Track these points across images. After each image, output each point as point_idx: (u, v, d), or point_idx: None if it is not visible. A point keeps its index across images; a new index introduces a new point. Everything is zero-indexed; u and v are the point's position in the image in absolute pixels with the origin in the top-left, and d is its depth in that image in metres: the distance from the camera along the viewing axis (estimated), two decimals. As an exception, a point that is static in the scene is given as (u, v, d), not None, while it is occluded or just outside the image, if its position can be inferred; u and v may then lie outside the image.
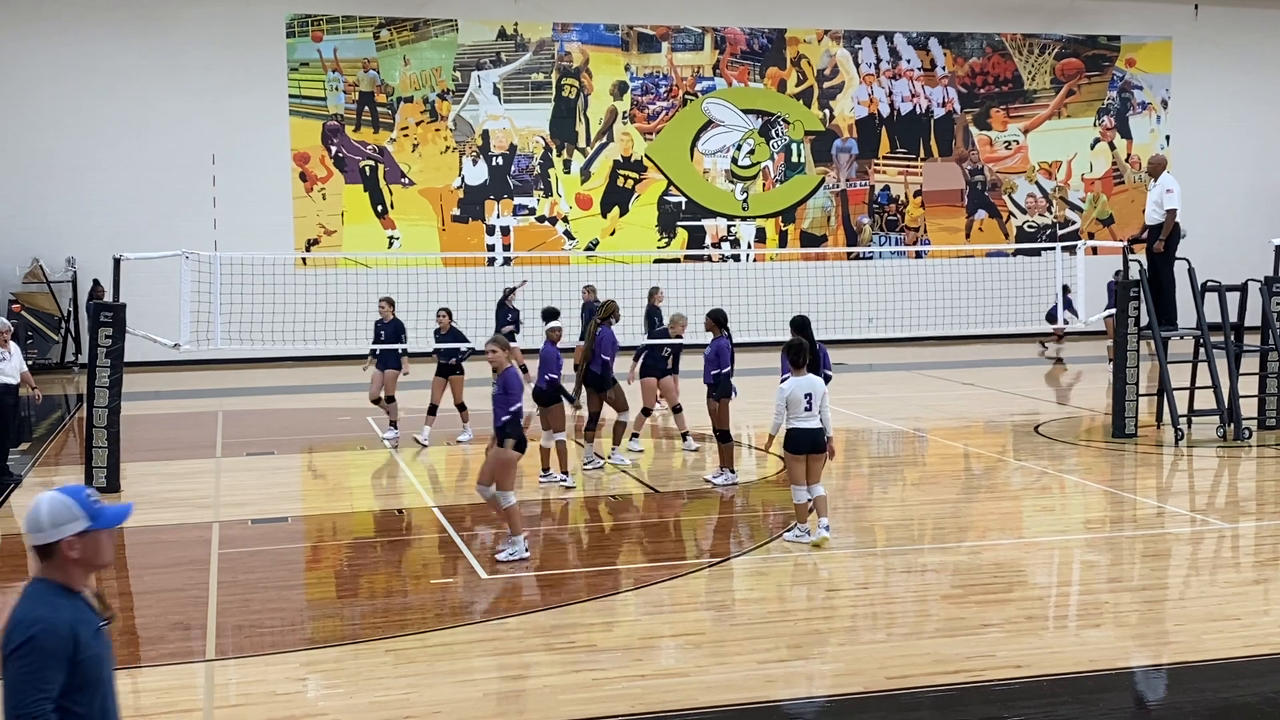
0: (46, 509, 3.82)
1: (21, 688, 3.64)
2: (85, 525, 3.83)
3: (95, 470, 13.49)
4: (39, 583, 3.85)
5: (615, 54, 29.88)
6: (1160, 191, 16.02)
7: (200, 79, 27.47)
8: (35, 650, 3.67)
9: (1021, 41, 32.04)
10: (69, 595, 3.86)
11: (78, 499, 3.85)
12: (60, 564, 3.85)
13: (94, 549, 3.87)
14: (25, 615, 3.74)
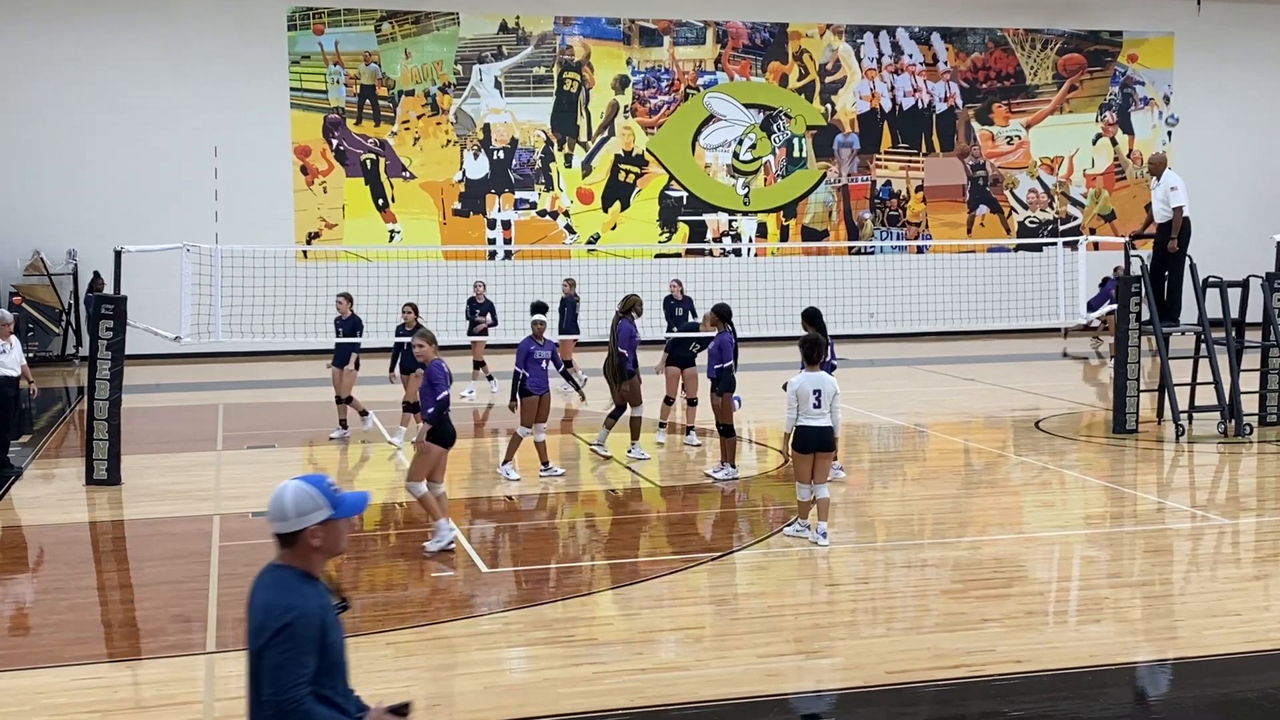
0: (291, 498, 3.92)
1: (280, 672, 3.74)
2: (327, 514, 3.93)
3: (96, 463, 13.49)
4: (282, 570, 3.95)
5: (617, 48, 29.85)
6: (1165, 190, 16.01)
7: (201, 71, 27.45)
8: (293, 636, 3.76)
9: (1024, 36, 32.00)
10: (310, 581, 3.95)
11: (320, 488, 3.95)
12: (302, 551, 3.94)
13: (335, 537, 3.97)
14: (278, 601, 3.82)
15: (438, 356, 10.55)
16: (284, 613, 3.79)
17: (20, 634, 8.75)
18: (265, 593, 3.89)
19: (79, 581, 9.95)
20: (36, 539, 11.49)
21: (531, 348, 13.37)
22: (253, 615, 3.89)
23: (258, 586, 3.95)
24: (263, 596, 3.88)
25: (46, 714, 7.03)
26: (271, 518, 3.94)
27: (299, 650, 3.77)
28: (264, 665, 3.77)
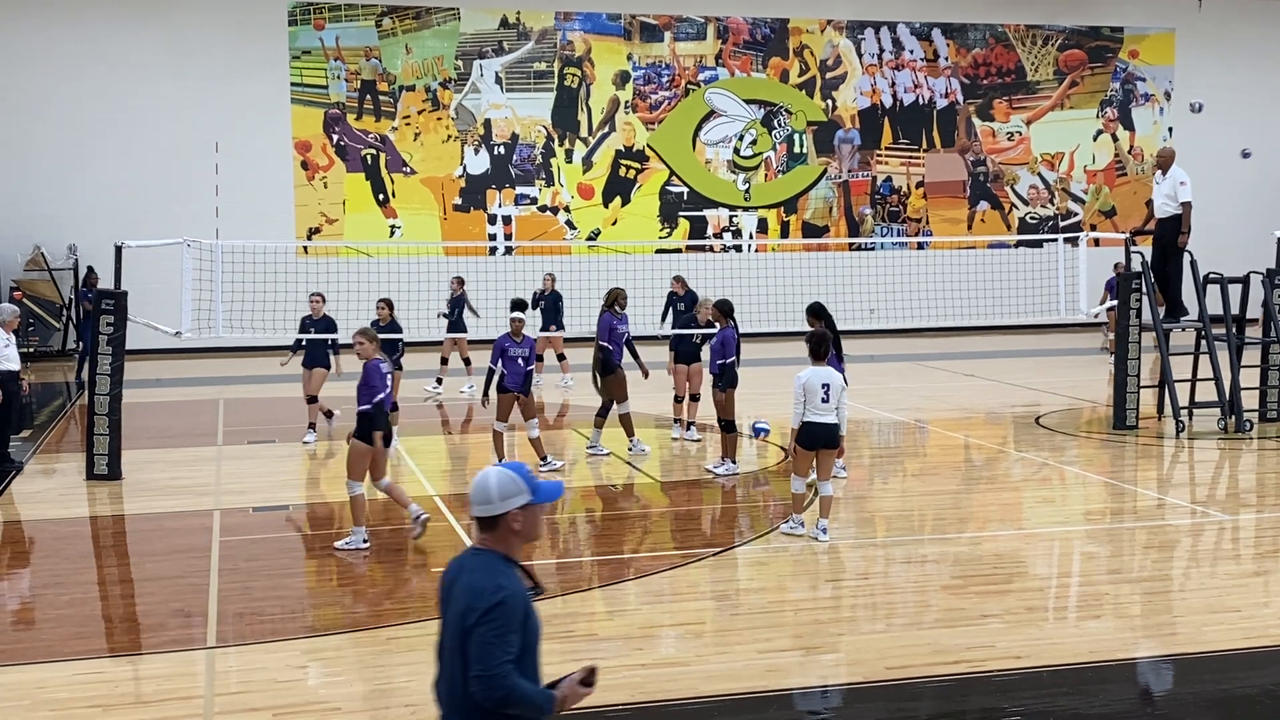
0: (495, 483, 4.05)
1: (490, 650, 3.87)
2: (528, 499, 4.07)
3: (96, 458, 13.50)
4: (485, 553, 4.08)
5: (617, 43, 29.83)
6: (1172, 184, 16.00)
7: (202, 67, 27.43)
8: (504, 615, 3.90)
9: (1024, 32, 31.98)
10: (511, 564, 4.07)
11: (522, 474, 4.09)
12: (503, 535, 4.07)
13: (533, 522, 4.11)
14: (488, 582, 3.95)
15: (379, 356, 10.58)
16: (494, 593, 3.92)
17: (21, 629, 8.76)
18: (472, 574, 4.01)
19: (80, 576, 9.96)
20: (37, 534, 11.50)
21: (507, 345, 13.34)
22: (458, 597, 4.00)
23: (460, 569, 4.08)
24: (470, 578, 4.00)
25: (48, 709, 7.04)
26: (475, 501, 4.08)
27: (508, 629, 3.90)
28: (473, 643, 3.90)
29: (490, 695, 3.88)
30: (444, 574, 4.18)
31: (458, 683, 3.97)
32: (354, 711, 6.95)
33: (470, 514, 4.11)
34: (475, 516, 4.09)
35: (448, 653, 4.03)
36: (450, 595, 4.07)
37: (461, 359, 19.99)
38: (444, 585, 4.14)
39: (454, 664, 3.98)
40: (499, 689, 3.88)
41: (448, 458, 15.50)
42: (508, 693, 3.89)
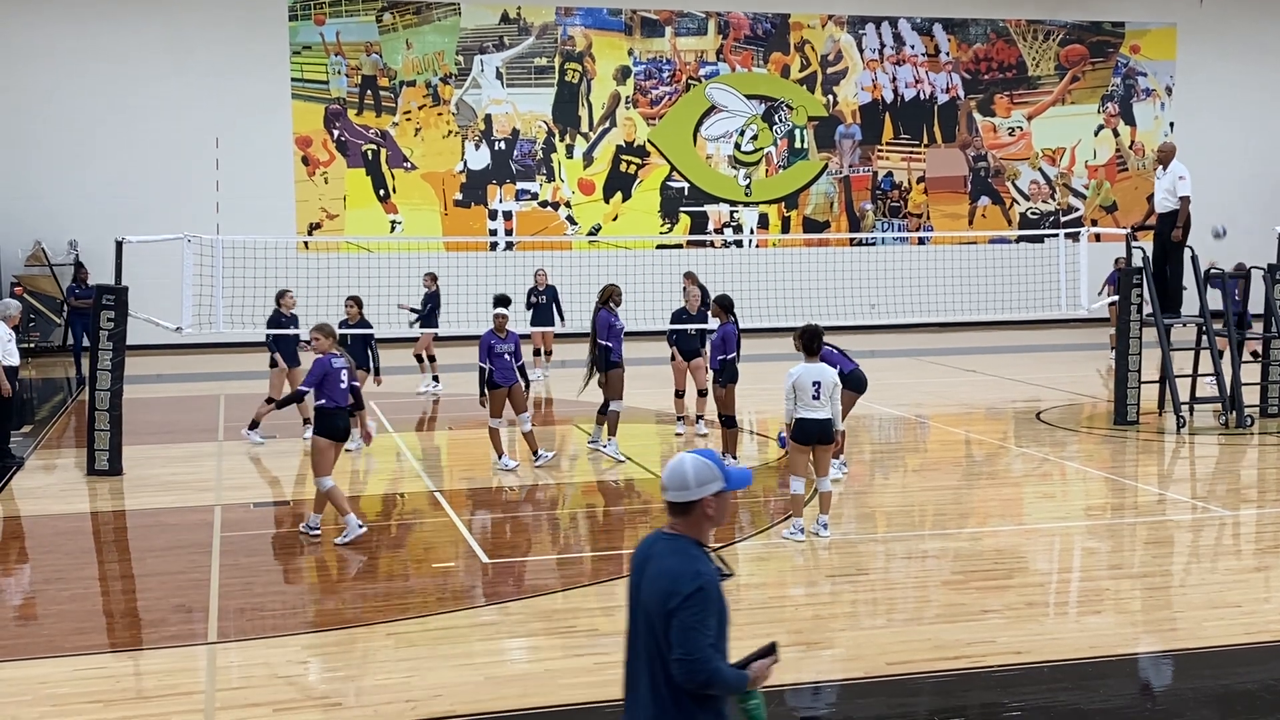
0: (692, 469, 4.11)
1: (691, 633, 3.94)
2: (721, 486, 4.12)
3: (97, 453, 13.51)
4: (677, 538, 4.14)
5: (618, 38, 29.80)
6: (1172, 179, 16.00)
7: (202, 62, 27.42)
8: (704, 599, 3.97)
9: (1026, 27, 31.95)
10: (702, 550, 4.13)
11: (715, 461, 4.15)
12: (696, 520, 4.13)
13: (723, 508, 4.17)
14: (687, 567, 4.02)
15: (334, 352, 10.61)
16: (694, 578, 3.98)
17: (23, 624, 8.76)
18: (669, 560, 4.06)
19: (80, 572, 9.97)
20: (38, 529, 11.50)
21: (493, 341, 13.36)
22: (656, 581, 4.05)
23: (654, 555, 4.12)
24: (667, 563, 4.05)
25: (49, 704, 7.05)
26: (672, 487, 4.13)
27: (707, 613, 3.97)
28: (674, 627, 3.96)
29: (693, 679, 3.96)
30: (633, 557, 4.25)
31: (657, 664, 4.04)
32: (355, 706, 6.96)
33: (664, 499, 4.17)
34: (670, 502, 4.15)
35: (643, 635, 4.10)
36: (642, 579, 4.14)
37: (426, 356, 19.70)
38: (635, 568, 4.21)
39: (650, 646, 4.06)
40: (702, 672, 3.95)
41: (448, 454, 15.49)
42: (710, 675, 3.97)
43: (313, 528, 10.72)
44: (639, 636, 4.13)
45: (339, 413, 10.51)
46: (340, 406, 10.51)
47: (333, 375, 10.46)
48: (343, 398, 10.52)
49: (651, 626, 4.05)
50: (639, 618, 4.13)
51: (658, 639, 4.03)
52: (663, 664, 4.01)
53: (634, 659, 4.16)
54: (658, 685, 4.04)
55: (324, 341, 10.58)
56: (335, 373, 10.48)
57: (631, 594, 4.20)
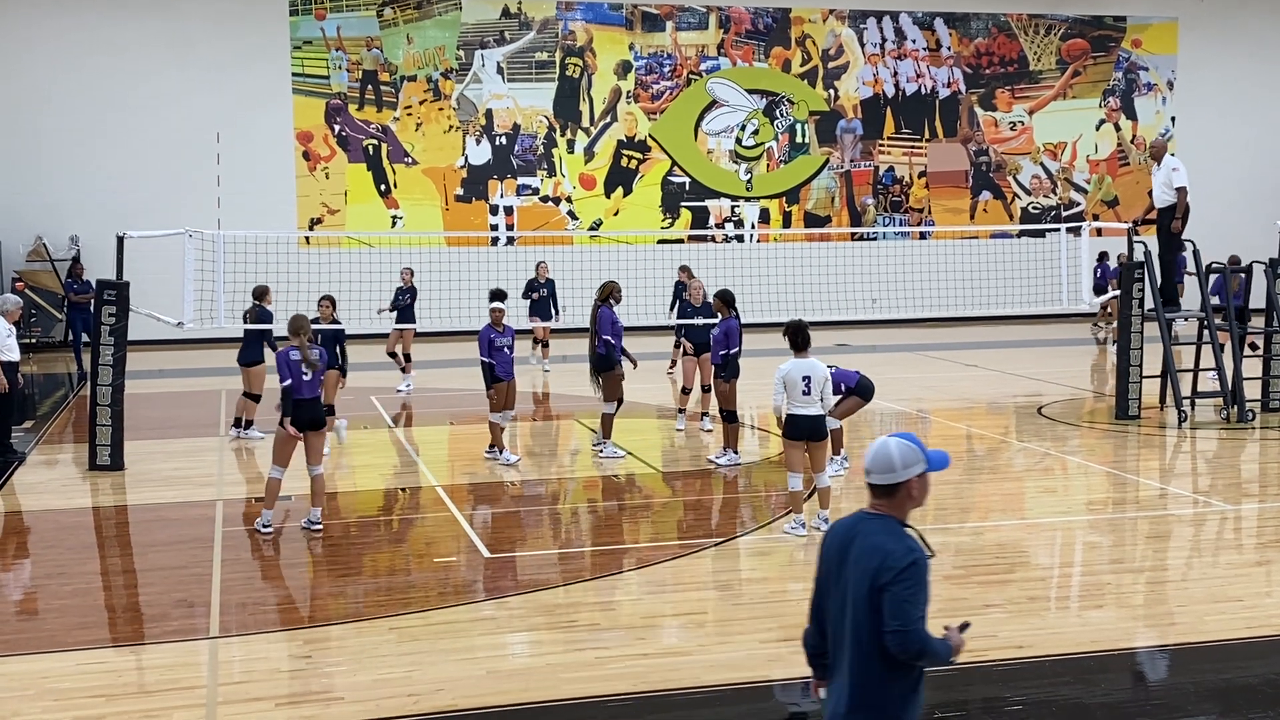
0: (898, 453, 4.30)
1: (906, 606, 4.12)
2: (924, 468, 4.32)
3: (99, 448, 13.51)
4: (882, 518, 4.32)
5: (619, 33, 29.77)
6: (1166, 173, 16.02)
7: (204, 57, 27.40)
8: (918, 574, 4.16)
9: (1027, 22, 31.91)
10: (907, 529, 4.30)
11: (917, 444, 4.34)
12: (900, 501, 4.32)
13: (925, 489, 4.35)
14: (899, 545, 4.21)
15: (293, 345, 10.69)
16: (907, 554, 4.17)
17: (24, 619, 8.77)
18: (879, 537, 4.24)
19: (82, 567, 9.97)
20: (40, 525, 11.51)
21: (493, 336, 13.40)
22: (865, 556, 4.21)
23: (855, 533, 4.30)
24: (878, 540, 4.23)
25: (51, 698, 7.05)
26: (877, 470, 4.31)
27: (920, 587, 4.16)
28: (887, 600, 4.13)
29: (907, 648, 4.12)
30: (830, 536, 4.41)
31: (864, 636, 4.20)
32: (356, 701, 6.96)
33: (869, 481, 4.33)
34: (874, 484, 4.32)
35: (850, 609, 4.24)
36: (846, 556, 4.29)
37: (403, 354, 19.22)
38: (835, 546, 4.36)
39: (858, 620, 4.21)
40: (916, 642, 4.12)
41: (449, 448, 15.49)
42: (923, 645, 4.13)
43: (314, 522, 10.74)
44: (845, 613, 4.28)
45: (301, 404, 10.60)
46: (303, 398, 10.61)
47: (293, 367, 10.59)
48: (305, 390, 10.61)
49: (857, 601, 4.21)
50: (843, 593, 4.29)
51: (863, 613, 4.19)
52: (867, 636, 4.18)
53: (836, 637, 4.33)
54: (860, 657, 4.21)
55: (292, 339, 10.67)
56: (293, 364, 10.60)
57: (829, 571, 4.36)
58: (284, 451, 10.73)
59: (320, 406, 10.81)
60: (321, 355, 10.82)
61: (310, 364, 10.62)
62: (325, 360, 10.94)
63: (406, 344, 19.32)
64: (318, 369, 10.70)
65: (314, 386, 10.67)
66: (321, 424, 10.81)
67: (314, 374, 10.66)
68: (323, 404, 10.94)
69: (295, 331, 10.75)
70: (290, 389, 10.60)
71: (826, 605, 4.40)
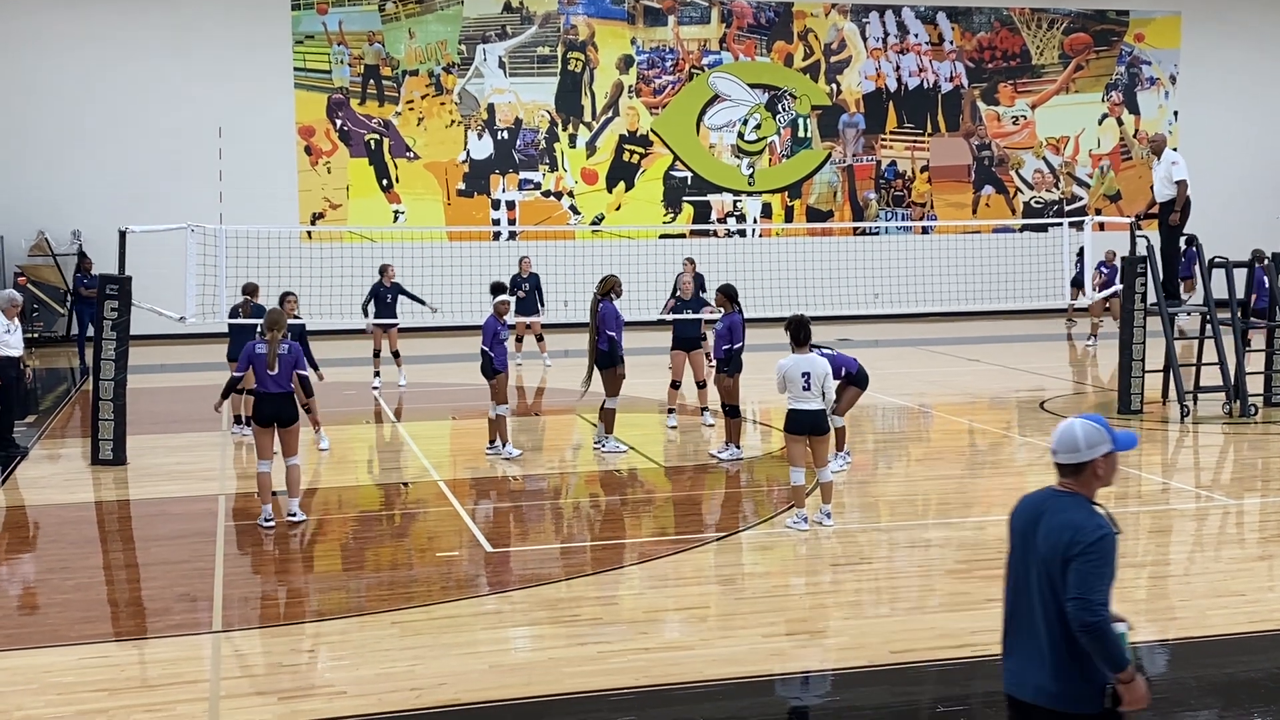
0: (1082, 433, 4.49)
1: (1091, 579, 4.26)
2: (1110, 448, 4.49)
3: (101, 443, 13.53)
4: (1070, 495, 4.50)
5: (621, 27, 29.75)
6: (1166, 167, 16.01)
7: (205, 52, 27.39)
8: (1105, 549, 4.31)
9: (1030, 16, 31.86)
10: (1095, 506, 4.45)
11: (1103, 425, 4.52)
12: (1086, 480, 4.49)
13: (1111, 468, 4.52)
14: (1089, 520, 4.36)
15: (265, 339, 10.82)
16: (1097, 529, 4.32)
17: (27, 613, 8.78)
18: (1071, 513, 4.40)
19: (85, 561, 9.98)
20: (42, 519, 11.52)
21: (499, 328, 13.46)
22: (1058, 532, 4.37)
23: (1049, 509, 4.47)
24: (1070, 515, 4.39)
25: (54, 692, 7.06)
26: (1062, 450, 4.50)
27: (1106, 562, 4.30)
28: (1072, 571, 4.28)
29: (1084, 618, 4.23)
30: (1016, 513, 4.62)
31: (1051, 611, 4.36)
32: (359, 695, 6.97)
33: (1054, 460, 4.52)
34: (1061, 464, 4.50)
35: (1044, 583, 4.39)
36: (1034, 531, 4.47)
37: (391, 351, 18.98)
38: (1022, 521, 4.57)
39: (1047, 594, 4.37)
40: (1094, 614, 4.22)
41: (450, 443, 15.50)
42: (1099, 620, 4.23)
43: (292, 514, 10.84)
44: (1033, 587, 4.44)
45: (264, 398, 10.69)
46: (267, 392, 10.66)
47: (256, 360, 10.67)
48: (270, 384, 10.64)
49: (1049, 575, 4.37)
50: (1033, 569, 4.44)
51: (1055, 586, 4.34)
52: (1059, 610, 4.33)
53: (1026, 609, 4.47)
54: (1061, 627, 4.34)
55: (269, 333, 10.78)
56: (260, 359, 10.66)
57: (1019, 546, 4.55)
58: (260, 444, 10.83)
59: (286, 402, 10.72)
60: (294, 349, 10.79)
61: (271, 360, 10.63)
62: (298, 356, 10.83)
63: (393, 341, 19.02)
64: (280, 368, 10.67)
65: (280, 382, 10.66)
66: (288, 420, 10.76)
67: (280, 369, 10.65)
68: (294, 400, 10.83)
69: (270, 326, 10.79)
70: (237, 379, 10.90)
71: (1013, 578, 4.59)
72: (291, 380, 10.74)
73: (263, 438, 10.81)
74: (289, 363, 10.70)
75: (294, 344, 10.85)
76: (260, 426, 10.77)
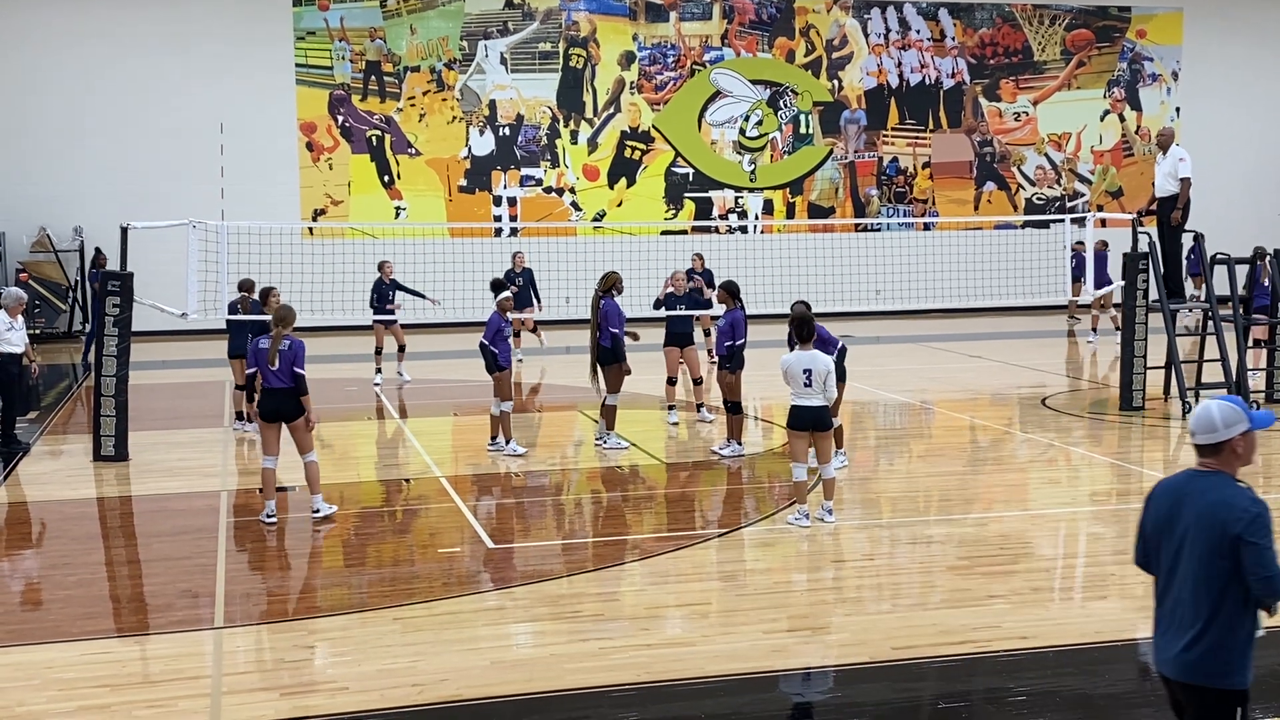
0: (1219, 413, 4.61)
1: (1266, 552, 4.43)
2: (1247, 426, 4.60)
3: (104, 439, 13.53)
4: (1213, 474, 4.63)
5: (623, 24, 29.73)
6: (1172, 162, 15.97)
7: (207, 48, 27.38)
8: (1266, 523, 4.46)
9: (1031, 12, 31.84)
10: (1239, 484, 4.59)
11: (1240, 405, 4.64)
12: (1226, 459, 4.61)
13: (1250, 447, 4.62)
14: (1240, 498, 4.53)
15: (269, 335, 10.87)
16: (1252, 504, 4.50)
17: (29, 609, 8.79)
18: (1221, 491, 4.56)
19: (87, 557, 9.99)
20: (45, 515, 11.53)
21: (503, 325, 13.50)
22: (1212, 511, 4.52)
23: (1194, 490, 4.62)
24: (1221, 494, 4.55)
25: (56, 688, 7.07)
26: (1200, 430, 4.63)
27: (1271, 534, 4.44)
28: (1247, 551, 4.43)
29: (1274, 591, 4.43)
30: (1158, 493, 4.77)
31: (1214, 585, 4.51)
32: (361, 691, 6.97)
33: (1193, 442, 4.66)
34: (1200, 444, 4.63)
35: (1194, 562, 4.55)
36: (1179, 512, 4.62)
37: (397, 345, 19.01)
38: (1164, 502, 4.72)
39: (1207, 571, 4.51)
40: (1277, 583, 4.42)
41: (452, 440, 15.51)
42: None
43: (315, 510, 10.84)
44: (1181, 567, 4.60)
45: (266, 393, 10.77)
46: (269, 387, 10.73)
47: (259, 355, 10.76)
48: (271, 379, 10.69)
49: (1198, 552, 4.52)
50: (1184, 549, 4.58)
51: (1209, 561, 4.49)
52: (1218, 585, 4.49)
53: (1175, 590, 4.63)
54: (1210, 603, 4.51)
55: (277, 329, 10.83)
56: (262, 353, 10.74)
57: (1159, 526, 4.70)
58: (265, 439, 10.88)
59: (285, 397, 10.72)
60: (295, 346, 10.79)
61: (272, 356, 10.65)
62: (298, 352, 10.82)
63: (398, 336, 19.04)
64: (279, 363, 10.68)
65: (282, 377, 10.68)
66: (289, 415, 10.79)
67: (280, 364, 10.67)
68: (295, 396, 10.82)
69: (279, 321, 10.84)
70: (253, 376, 10.86)
71: (1157, 558, 4.75)
72: (290, 376, 10.73)
73: (267, 433, 10.85)
74: (288, 359, 10.71)
75: (297, 341, 10.85)
76: (265, 422, 10.82)
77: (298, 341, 10.85)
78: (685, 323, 15.54)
